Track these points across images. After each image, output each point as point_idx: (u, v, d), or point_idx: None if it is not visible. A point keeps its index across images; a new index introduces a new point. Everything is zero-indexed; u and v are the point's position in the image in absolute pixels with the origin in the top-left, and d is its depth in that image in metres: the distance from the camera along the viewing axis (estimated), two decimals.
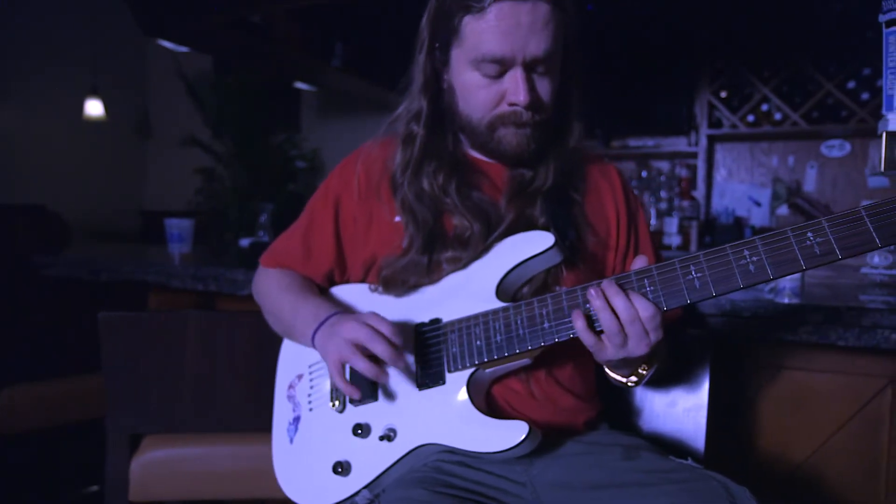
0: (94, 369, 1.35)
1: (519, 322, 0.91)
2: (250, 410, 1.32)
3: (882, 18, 1.38)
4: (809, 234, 0.78)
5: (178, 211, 4.85)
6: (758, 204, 3.91)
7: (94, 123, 5.19)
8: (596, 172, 1.12)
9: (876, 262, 1.59)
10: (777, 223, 3.77)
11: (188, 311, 1.39)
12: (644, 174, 4.12)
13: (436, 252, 1.00)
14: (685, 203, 3.77)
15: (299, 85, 4.88)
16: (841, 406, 1.33)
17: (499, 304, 0.94)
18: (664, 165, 4.17)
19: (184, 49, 3.65)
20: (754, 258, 0.80)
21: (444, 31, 0.97)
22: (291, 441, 1.07)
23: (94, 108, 5.06)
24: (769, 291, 1.43)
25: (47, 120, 5.15)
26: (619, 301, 0.83)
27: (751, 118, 3.81)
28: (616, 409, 1.22)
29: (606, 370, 0.99)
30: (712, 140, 3.98)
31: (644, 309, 0.83)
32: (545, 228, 0.97)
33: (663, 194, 3.94)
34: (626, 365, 0.92)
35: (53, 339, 2.44)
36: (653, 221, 3.83)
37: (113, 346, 1.33)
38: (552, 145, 1.03)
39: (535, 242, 0.95)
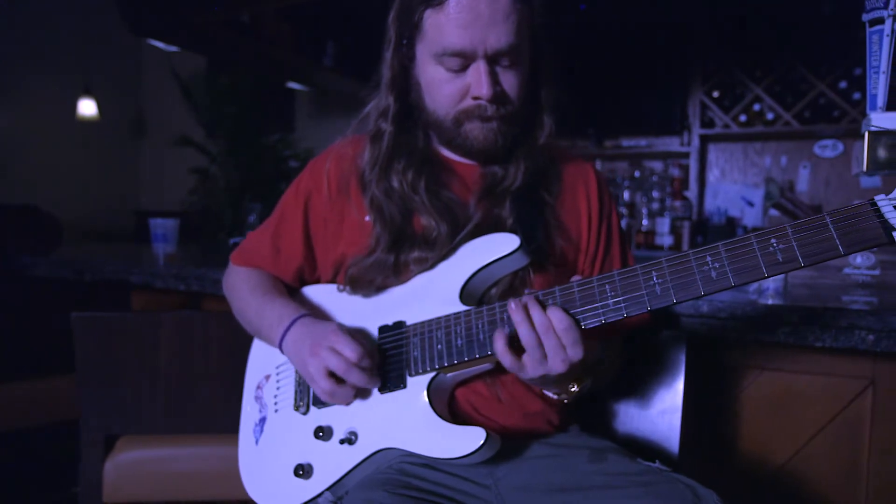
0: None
1: (480, 326, 0.90)
2: (225, 412, 1.31)
3: (866, 17, 1.37)
4: (773, 241, 0.77)
5: (173, 211, 4.86)
6: (750, 204, 3.90)
7: (87, 123, 5.18)
8: (572, 172, 1.10)
9: (858, 262, 1.58)
10: (770, 223, 3.76)
11: (162, 312, 1.39)
12: (637, 174, 4.11)
13: (403, 251, 0.98)
14: (677, 203, 3.76)
15: (292, 85, 4.87)
16: (821, 408, 1.32)
17: (461, 308, 0.93)
18: (657, 165, 4.17)
19: (174, 49, 3.64)
20: (716, 265, 0.78)
21: (408, 27, 0.96)
22: (257, 442, 1.06)
23: (87, 107, 5.05)
24: (753, 292, 1.42)
25: (40, 120, 5.14)
26: (536, 313, 0.82)
27: (743, 118, 3.80)
28: (590, 412, 1.21)
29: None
30: (705, 140, 3.98)
31: (559, 321, 0.81)
32: (512, 230, 0.96)
33: (655, 194, 3.93)
34: (552, 383, 0.90)
35: (36, 340, 2.43)
36: (644, 222, 3.82)
37: (86, 346, 1.33)
38: (522, 141, 1.02)
39: (500, 245, 0.94)
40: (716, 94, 3.86)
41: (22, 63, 4.95)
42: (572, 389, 0.92)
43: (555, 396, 0.95)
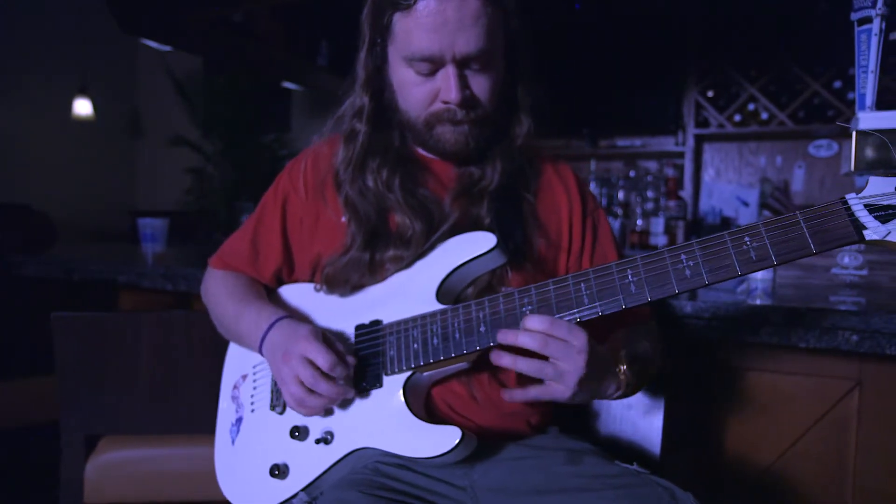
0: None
1: (455, 325, 0.89)
2: (208, 412, 1.30)
3: (854, 17, 1.37)
4: (746, 239, 0.77)
5: (167, 210, 4.85)
6: (746, 204, 3.88)
7: (82, 123, 5.18)
8: (550, 171, 1.10)
9: (846, 262, 1.57)
10: None
11: (143, 312, 1.38)
12: (632, 174, 4.10)
13: (378, 250, 0.98)
14: (671, 203, 3.75)
15: (287, 84, 4.87)
16: (808, 408, 1.31)
17: (438, 307, 0.93)
18: (652, 165, 4.16)
19: (167, 48, 3.63)
20: (691, 263, 0.78)
21: (379, 28, 0.95)
22: (233, 442, 1.06)
23: (82, 107, 5.05)
24: (741, 292, 1.42)
25: (35, 119, 5.14)
26: (522, 338, 0.80)
27: (737, 118, 3.79)
28: (573, 413, 1.21)
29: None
30: (700, 140, 3.97)
31: (539, 324, 0.80)
32: (490, 229, 0.95)
33: (650, 194, 3.91)
34: (591, 384, 0.85)
35: (24, 339, 2.42)
36: (639, 222, 3.81)
37: (67, 346, 1.32)
38: (498, 143, 1.01)
39: (477, 243, 0.93)
40: (710, 93, 3.85)
41: (17, 62, 4.94)
42: (622, 378, 0.89)
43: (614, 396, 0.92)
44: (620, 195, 4.03)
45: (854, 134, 1.32)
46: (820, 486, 1.31)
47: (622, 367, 0.89)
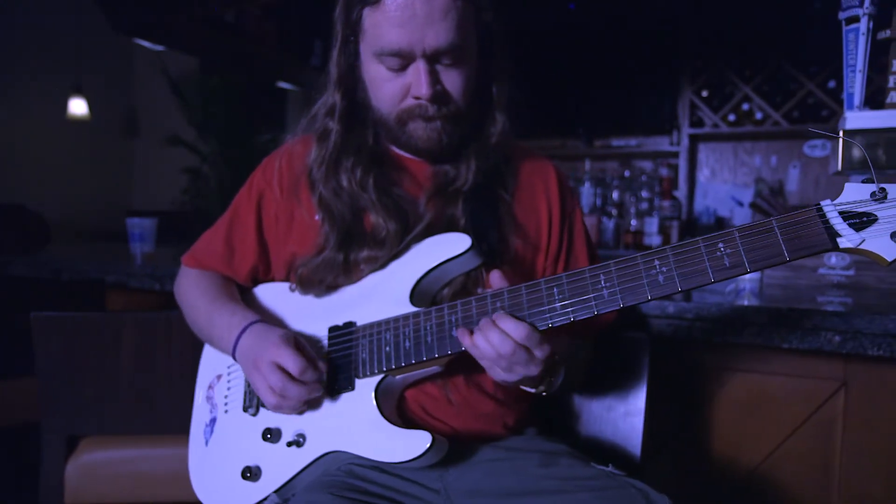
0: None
1: (428, 328, 0.88)
2: (188, 413, 1.30)
3: (842, 16, 1.36)
4: (720, 245, 0.76)
5: (163, 210, 4.85)
6: (740, 204, 3.88)
7: (78, 122, 5.16)
8: (530, 170, 1.08)
9: (833, 262, 1.56)
10: None
11: (123, 312, 1.37)
12: (627, 174, 4.10)
13: (352, 250, 0.97)
14: (666, 203, 3.74)
15: (283, 84, 4.86)
16: (794, 410, 1.31)
17: (411, 309, 0.92)
18: (647, 165, 4.15)
19: (160, 48, 3.62)
20: (664, 269, 0.77)
21: (349, 25, 0.94)
22: (207, 443, 1.05)
23: (77, 107, 5.02)
24: (729, 293, 1.41)
25: (30, 119, 5.12)
26: (493, 335, 0.81)
27: (732, 117, 3.79)
28: (554, 414, 1.20)
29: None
30: (694, 140, 3.96)
31: (517, 331, 0.80)
32: (465, 231, 0.94)
33: (644, 194, 3.90)
34: (529, 381, 0.88)
35: (11, 340, 2.41)
36: (633, 222, 3.80)
37: (47, 346, 1.31)
38: (473, 141, 1.00)
39: (451, 245, 0.92)
40: (705, 93, 3.85)
41: (12, 62, 4.93)
42: (550, 379, 0.90)
43: (532, 390, 0.93)
44: (615, 195, 4.03)
45: (841, 134, 1.32)
46: (806, 487, 1.30)
47: (541, 389, 0.91)
